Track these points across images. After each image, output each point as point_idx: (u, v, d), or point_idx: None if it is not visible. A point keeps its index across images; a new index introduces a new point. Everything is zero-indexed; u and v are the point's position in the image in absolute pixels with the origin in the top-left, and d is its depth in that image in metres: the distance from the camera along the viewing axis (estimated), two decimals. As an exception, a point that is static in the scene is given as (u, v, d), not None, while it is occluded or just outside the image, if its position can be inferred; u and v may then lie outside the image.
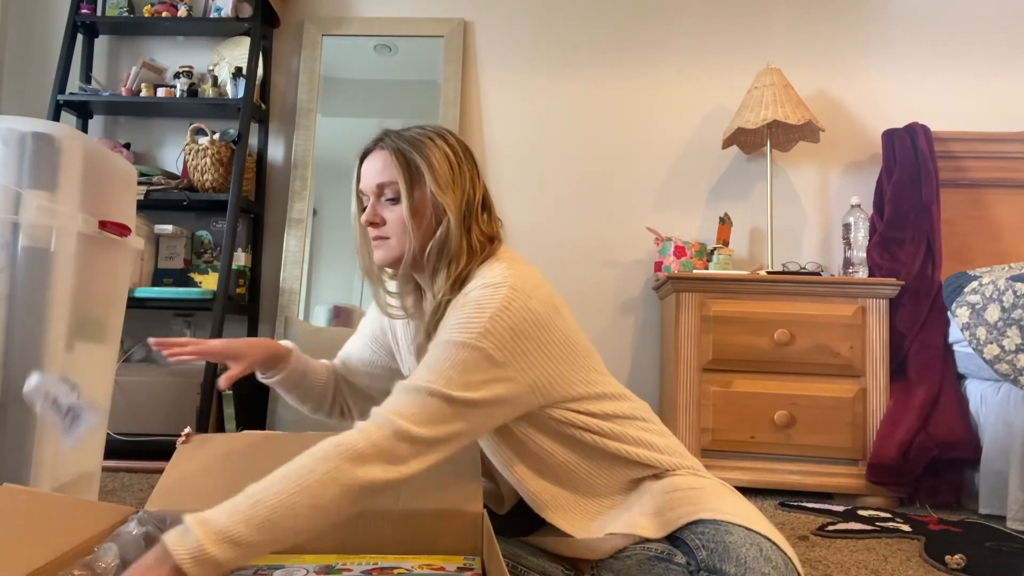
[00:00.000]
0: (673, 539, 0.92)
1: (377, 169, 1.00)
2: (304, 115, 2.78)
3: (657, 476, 0.99)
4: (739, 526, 0.88)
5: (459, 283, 0.96)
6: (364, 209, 1.03)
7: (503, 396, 0.87)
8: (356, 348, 1.21)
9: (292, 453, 0.76)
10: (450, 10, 2.86)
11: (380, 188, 1.00)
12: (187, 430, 0.80)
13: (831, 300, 2.19)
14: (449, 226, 0.97)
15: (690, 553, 0.87)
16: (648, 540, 0.92)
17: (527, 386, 0.89)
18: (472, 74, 2.83)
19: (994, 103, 2.67)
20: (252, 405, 2.51)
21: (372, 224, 1.00)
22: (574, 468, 0.98)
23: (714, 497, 0.94)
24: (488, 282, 0.91)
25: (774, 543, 0.87)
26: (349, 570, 0.62)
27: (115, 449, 2.17)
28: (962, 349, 2.16)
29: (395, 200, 0.99)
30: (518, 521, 1.03)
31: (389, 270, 1.05)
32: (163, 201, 2.59)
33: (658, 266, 2.54)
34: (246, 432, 0.84)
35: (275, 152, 2.86)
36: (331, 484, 0.74)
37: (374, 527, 0.68)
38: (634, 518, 0.94)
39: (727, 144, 2.60)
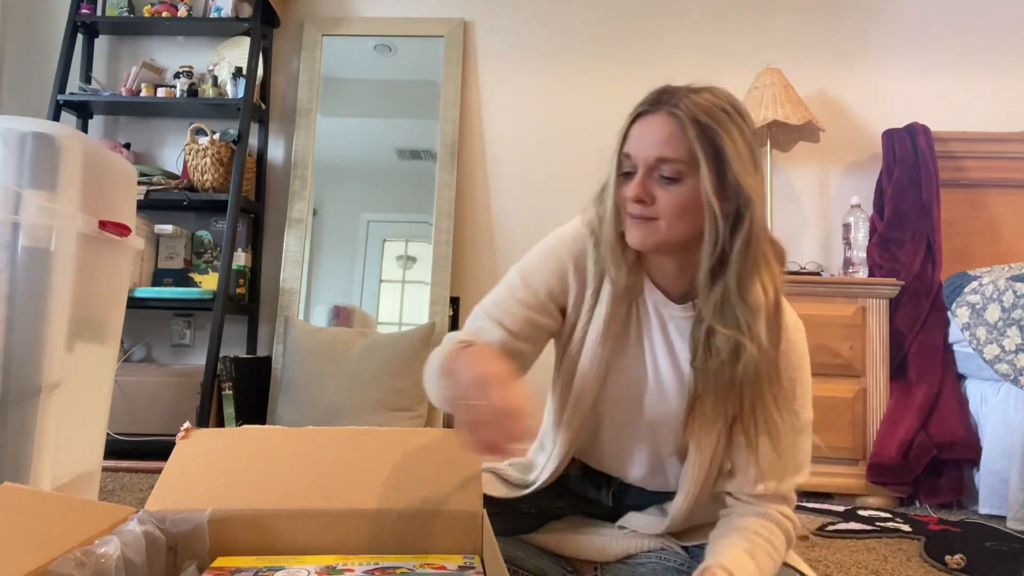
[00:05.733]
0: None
1: (661, 138, 0.84)
2: (304, 115, 2.78)
3: None
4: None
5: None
6: (625, 174, 0.88)
7: None
8: (517, 322, 0.97)
9: (294, 448, 0.78)
10: (450, 10, 2.86)
11: (658, 162, 0.84)
12: (186, 425, 0.79)
13: (831, 300, 2.19)
14: (753, 219, 0.82)
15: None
16: (664, 548, 0.92)
17: None
18: (472, 74, 2.83)
19: (994, 103, 2.67)
20: (252, 404, 2.51)
21: (638, 201, 0.85)
22: None
23: None
24: (799, 325, 0.90)
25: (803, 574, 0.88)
26: (351, 570, 0.62)
27: (115, 449, 2.17)
28: (962, 349, 2.16)
29: (673, 180, 0.84)
30: (518, 521, 1.02)
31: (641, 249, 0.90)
32: (163, 201, 2.59)
33: (658, 266, 2.54)
34: (246, 427, 0.84)
35: (275, 152, 2.86)
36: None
37: (374, 527, 0.68)
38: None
39: (727, 144, 2.60)
